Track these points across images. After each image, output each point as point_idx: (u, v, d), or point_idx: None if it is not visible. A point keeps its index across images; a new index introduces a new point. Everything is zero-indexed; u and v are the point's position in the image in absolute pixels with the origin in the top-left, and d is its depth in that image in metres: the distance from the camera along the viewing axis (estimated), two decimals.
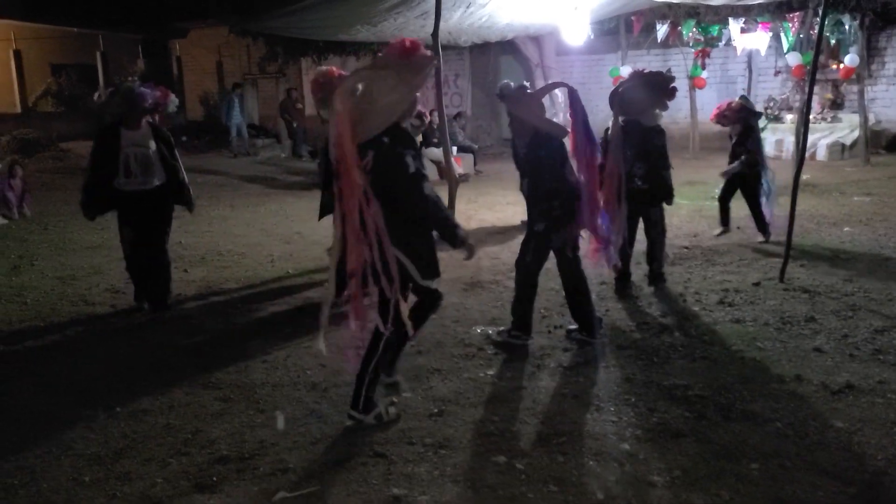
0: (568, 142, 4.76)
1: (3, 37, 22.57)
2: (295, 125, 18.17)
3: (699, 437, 3.55)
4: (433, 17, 8.23)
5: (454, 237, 3.66)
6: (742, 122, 7.39)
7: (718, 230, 7.93)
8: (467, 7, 9.20)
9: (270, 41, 16.66)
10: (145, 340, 5.26)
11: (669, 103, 5.84)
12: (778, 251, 6.67)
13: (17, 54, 22.71)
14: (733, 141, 7.54)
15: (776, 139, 14.65)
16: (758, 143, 7.45)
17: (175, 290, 6.48)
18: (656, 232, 6.08)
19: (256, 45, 18.74)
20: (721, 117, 7.50)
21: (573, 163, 4.73)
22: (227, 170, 15.76)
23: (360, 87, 3.36)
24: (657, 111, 5.91)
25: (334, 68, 5.46)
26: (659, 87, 5.71)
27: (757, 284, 6.10)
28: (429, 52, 3.57)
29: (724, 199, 7.84)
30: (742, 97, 7.93)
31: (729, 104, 7.49)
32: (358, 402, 3.76)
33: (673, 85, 5.78)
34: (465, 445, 3.55)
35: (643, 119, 5.74)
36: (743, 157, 7.36)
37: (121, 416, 4.01)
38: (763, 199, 7.45)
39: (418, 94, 3.64)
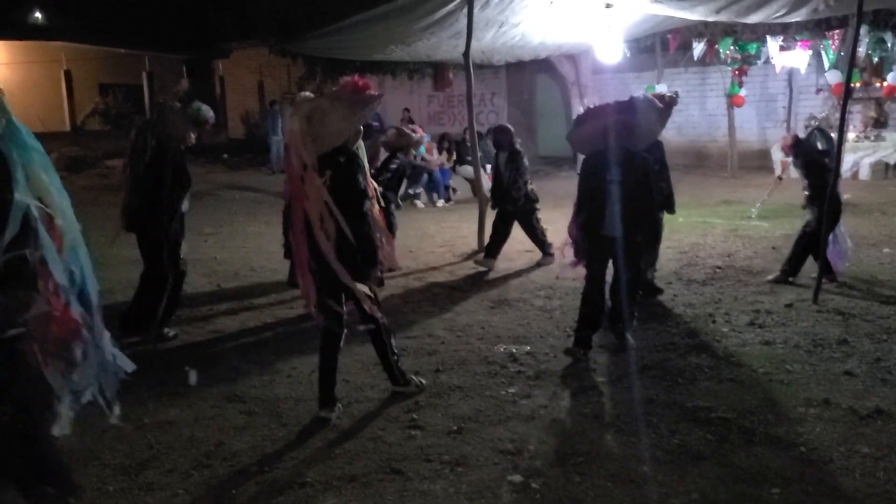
0: None
1: (54, 58, 23.34)
2: None
3: (720, 461, 3.50)
4: (466, 36, 8.34)
5: (370, 261, 4.06)
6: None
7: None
8: (500, 27, 9.29)
9: (310, 61, 16.98)
10: (176, 352, 5.37)
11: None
12: (812, 271, 6.54)
13: (68, 74, 23.46)
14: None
15: None
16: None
17: (207, 305, 6.64)
18: None
19: (296, 64, 19.10)
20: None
21: None
22: (265, 187, 16.01)
23: (314, 112, 3.93)
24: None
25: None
26: None
27: (790, 306, 5.99)
28: (375, 93, 4.15)
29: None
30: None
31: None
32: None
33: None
34: (481, 463, 3.55)
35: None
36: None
37: (148, 428, 4.11)
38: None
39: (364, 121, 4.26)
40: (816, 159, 6.54)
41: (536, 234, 7.84)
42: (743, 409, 4.06)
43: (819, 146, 6.64)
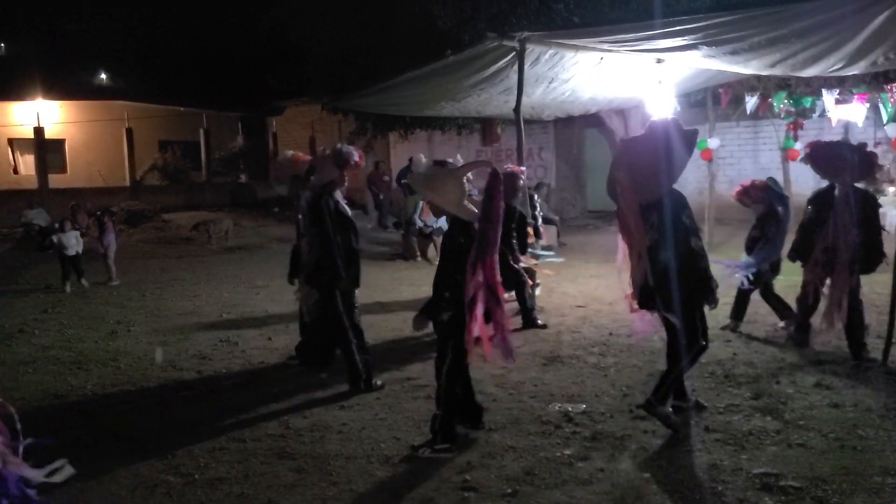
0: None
1: (117, 116, 24.33)
2: (381, 196, 18.62)
3: None
4: (516, 92, 8.40)
5: (708, 290, 4.46)
6: (765, 203, 6.84)
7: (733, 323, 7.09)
8: (550, 82, 9.34)
9: (360, 117, 17.32)
10: (228, 406, 5.36)
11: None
12: (881, 331, 6.26)
13: (129, 132, 24.39)
14: (753, 224, 6.97)
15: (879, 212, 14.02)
16: (780, 232, 6.78)
17: (258, 358, 6.65)
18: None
19: (347, 120, 19.51)
20: (743, 195, 7.01)
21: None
22: None
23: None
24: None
25: (298, 154, 5.75)
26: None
27: (857, 366, 5.72)
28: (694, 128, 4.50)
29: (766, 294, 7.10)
30: (770, 178, 7.09)
31: (753, 182, 7.00)
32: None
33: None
34: None
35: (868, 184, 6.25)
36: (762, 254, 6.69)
37: (198, 484, 4.07)
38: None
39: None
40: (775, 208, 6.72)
41: None
42: (815, 476, 3.84)
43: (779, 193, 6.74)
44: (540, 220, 9.29)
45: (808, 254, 6.10)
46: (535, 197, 9.44)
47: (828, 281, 5.97)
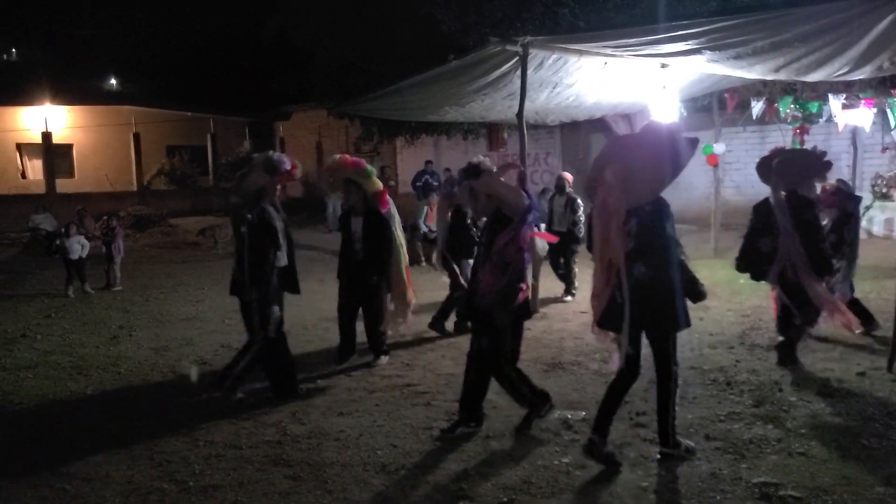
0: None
1: (125, 121, 24.46)
2: None
3: None
4: (519, 97, 8.37)
5: (696, 293, 4.28)
6: (839, 207, 6.68)
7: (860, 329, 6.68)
8: (554, 87, 9.31)
9: (366, 122, 17.36)
10: (225, 413, 5.33)
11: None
12: (886, 337, 6.19)
13: (136, 137, 24.50)
14: (827, 229, 6.53)
15: (885, 218, 13.91)
16: (856, 234, 6.74)
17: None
18: None
19: (354, 125, 19.55)
20: None
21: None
22: (321, 245, 16.19)
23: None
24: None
25: (346, 156, 5.97)
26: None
27: (862, 374, 5.66)
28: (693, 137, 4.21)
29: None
30: (839, 180, 6.96)
31: (822, 187, 6.67)
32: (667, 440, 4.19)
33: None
34: None
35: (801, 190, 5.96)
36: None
37: (192, 491, 4.04)
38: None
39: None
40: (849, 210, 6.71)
41: None
42: (815, 486, 3.78)
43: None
44: (582, 226, 9.24)
45: (753, 263, 6.15)
46: (578, 200, 9.39)
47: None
